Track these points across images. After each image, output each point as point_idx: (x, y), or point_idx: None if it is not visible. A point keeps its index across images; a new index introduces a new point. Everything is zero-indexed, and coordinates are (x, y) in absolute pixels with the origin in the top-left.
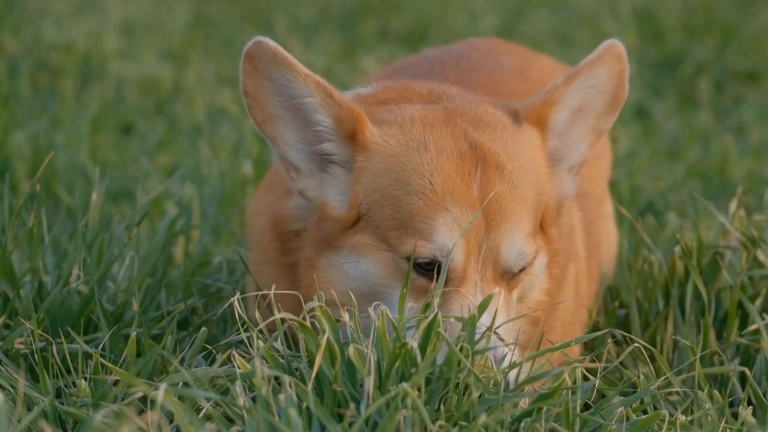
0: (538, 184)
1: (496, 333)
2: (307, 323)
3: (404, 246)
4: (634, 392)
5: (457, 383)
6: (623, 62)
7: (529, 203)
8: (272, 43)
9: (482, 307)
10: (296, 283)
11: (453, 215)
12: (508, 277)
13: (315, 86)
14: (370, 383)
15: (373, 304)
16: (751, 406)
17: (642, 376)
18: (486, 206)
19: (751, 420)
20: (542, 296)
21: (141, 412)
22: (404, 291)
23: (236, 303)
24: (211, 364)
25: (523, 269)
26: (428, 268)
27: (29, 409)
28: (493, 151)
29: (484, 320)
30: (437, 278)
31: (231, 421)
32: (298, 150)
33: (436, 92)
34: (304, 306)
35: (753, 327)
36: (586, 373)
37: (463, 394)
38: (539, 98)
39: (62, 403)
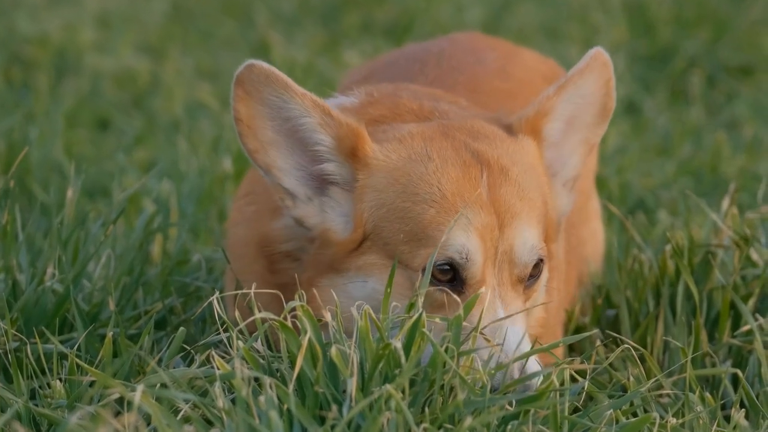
0: (542, 191)
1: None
2: (288, 323)
3: (418, 258)
4: (624, 394)
5: (442, 385)
6: (609, 71)
7: (536, 206)
8: (265, 65)
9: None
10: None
11: (468, 217)
12: (523, 282)
13: (312, 105)
14: (352, 385)
15: (356, 303)
16: (743, 409)
17: (632, 378)
18: (497, 207)
19: (744, 423)
20: (542, 313)
21: (117, 414)
22: (388, 290)
23: (215, 302)
24: (189, 365)
25: (534, 277)
26: (445, 279)
27: (3, 411)
28: (496, 157)
29: (511, 334)
30: (450, 288)
31: (210, 423)
32: (295, 176)
33: (428, 108)
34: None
35: (745, 328)
36: (575, 375)
37: (449, 396)
38: (532, 109)
39: (37, 405)
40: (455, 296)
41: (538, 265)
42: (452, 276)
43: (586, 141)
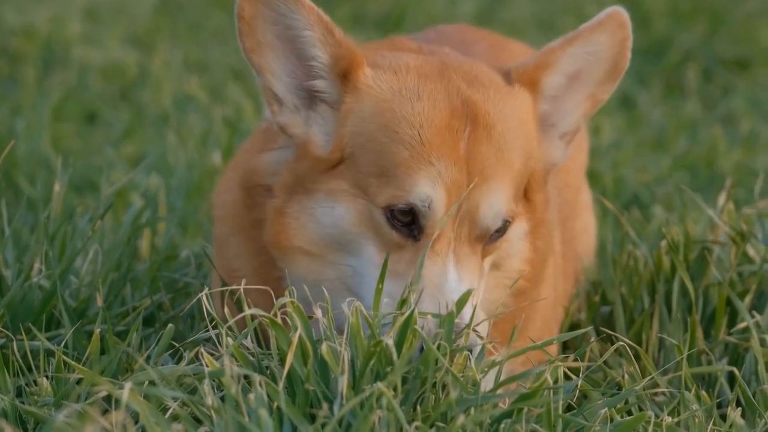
0: (526, 149)
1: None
2: (278, 319)
3: (382, 195)
4: (619, 393)
5: (435, 382)
6: (626, 31)
7: (513, 168)
8: None
9: (459, 275)
10: (258, 249)
11: (437, 169)
12: (483, 240)
13: (317, 20)
14: (343, 382)
15: (347, 300)
16: (740, 407)
17: (627, 376)
18: (471, 163)
19: (740, 422)
20: (524, 265)
21: (105, 411)
22: (380, 286)
23: (204, 298)
24: (178, 362)
25: (498, 234)
26: (404, 222)
27: None
28: (484, 111)
29: (455, 287)
30: (413, 235)
31: (199, 421)
32: (285, 83)
33: (427, 49)
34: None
35: (742, 325)
36: (569, 373)
37: (441, 394)
38: (532, 60)
39: (23, 403)
40: (411, 240)
41: (503, 226)
42: (412, 220)
43: (593, 97)
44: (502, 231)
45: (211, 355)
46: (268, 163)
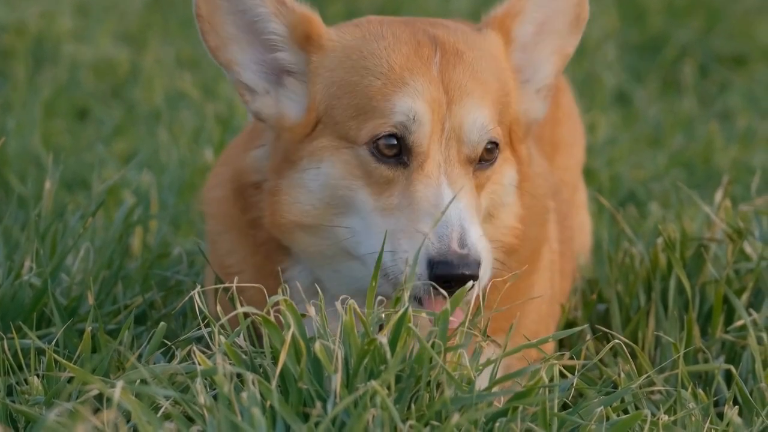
0: (502, 80)
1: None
2: (272, 317)
3: (364, 130)
4: (615, 391)
5: (429, 381)
6: None
7: (491, 89)
8: None
9: (454, 192)
10: (257, 246)
11: (414, 87)
12: (473, 162)
13: None
14: (337, 381)
15: (340, 297)
16: (737, 406)
17: (623, 374)
18: (446, 83)
19: (737, 420)
20: (514, 222)
21: (96, 410)
22: (373, 284)
23: (196, 296)
24: (170, 361)
25: (488, 161)
26: (390, 154)
27: None
28: (453, 42)
29: (453, 205)
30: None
31: (191, 420)
32: (253, 70)
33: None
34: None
35: (739, 323)
36: (564, 371)
37: (435, 393)
38: (501, 9)
39: (14, 401)
40: (400, 170)
41: (491, 150)
42: (398, 150)
43: (560, 50)
44: (491, 157)
45: (204, 353)
46: (255, 159)
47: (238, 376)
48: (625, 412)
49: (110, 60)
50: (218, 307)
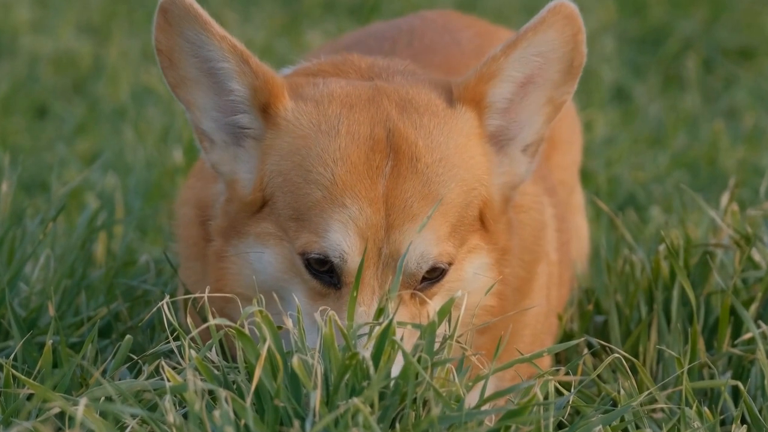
0: (467, 179)
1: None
2: (246, 330)
3: (299, 241)
4: (614, 409)
5: (415, 398)
6: (576, 24)
7: (446, 202)
8: None
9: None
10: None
11: (350, 213)
12: (414, 284)
13: (230, 50)
14: (316, 398)
15: (320, 308)
16: (744, 425)
17: (622, 391)
18: (389, 204)
19: None
20: (489, 300)
21: (58, 430)
22: (354, 294)
23: (165, 307)
24: (137, 376)
25: (434, 279)
26: (322, 269)
27: None
28: (411, 141)
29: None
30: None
31: None
32: (213, 118)
33: (378, 67)
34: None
35: (747, 336)
36: (560, 388)
37: (422, 411)
38: (474, 73)
39: None
40: (332, 289)
41: (437, 269)
42: (330, 268)
43: (551, 101)
44: (437, 275)
45: (173, 368)
46: (215, 196)
47: (210, 393)
48: (626, 431)
49: (71, 53)
50: (188, 319)
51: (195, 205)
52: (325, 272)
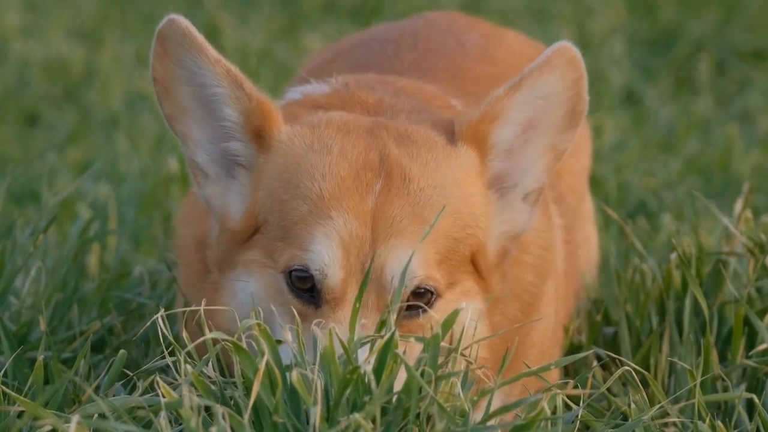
0: (462, 213)
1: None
2: (243, 344)
3: (283, 257)
4: (624, 423)
5: (418, 413)
6: (579, 69)
7: (436, 229)
8: (184, 22)
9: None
10: None
11: (335, 225)
12: (399, 310)
13: (224, 74)
14: (316, 414)
15: (314, 321)
16: None
17: (633, 405)
18: (377, 218)
19: None
20: (481, 351)
21: None
22: (357, 306)
23: (160, 321)
24: (131, 392)
25: (419, 301)
26: (305, 288)
27: None
28: (405, 165)
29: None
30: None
31: None
32: (207, 151)
33: (386, 104)
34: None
35: (762, 347)
36: (568, 402)
37: (425, 426)
38: (477, 113)
39: None
40: (312, 308)
41: (422, 295)
42: (312, 286)
43: (553, 148)
44: (423, 302)
45: (168, 384)
46: (211, 230)
47: (207, 409)
48: None
49: (63, 59)
50: (184, 333)
51: (197, 225)
52: (306, 291)
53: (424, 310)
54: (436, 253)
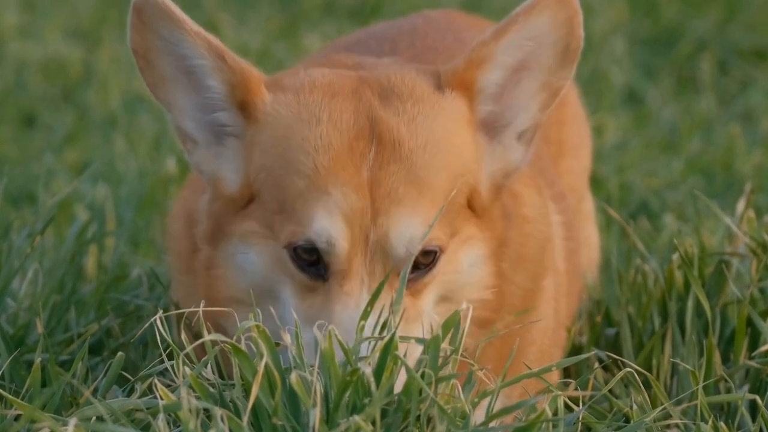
0: (453, 164)
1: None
2: (242, 346)
3: (284, 233)
4: (626, 425)
5: (419, 415)
6: (572, 7)
7: (432, 187)
8: None
9: (367, 310)
10: None
11: (334, 199)
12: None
13: (206, 47)
14: (316, 416)
15: (316, 323)
16: None
17: (635, 407)
18: (374, 190)
19: None
20: (484, 294)
21: None
22: (369, 309)
23: (158, 323)
24: (129, 395)
25: (425, 267)
26: (309, 261)
27: None
28: (393, 127)
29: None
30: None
31: None
32: (194, 118)
33: (368, 64)
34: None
35: (765, 348)
36: (570, 403)
37: (426, 428)
38: (463, 59)
39: None
40: (320, 281)
41: (428, 254)
42: (317, 258)
43: (548, 86)
44: (428, 261)
45: (167, 386)
46: (204, 202)
47: (205, 411)
48: None
49: (60, 59)
50: (183, 335)
51: (186, 216)
52: (311, 264)
53: (430, 269)
54: (435, 210)
